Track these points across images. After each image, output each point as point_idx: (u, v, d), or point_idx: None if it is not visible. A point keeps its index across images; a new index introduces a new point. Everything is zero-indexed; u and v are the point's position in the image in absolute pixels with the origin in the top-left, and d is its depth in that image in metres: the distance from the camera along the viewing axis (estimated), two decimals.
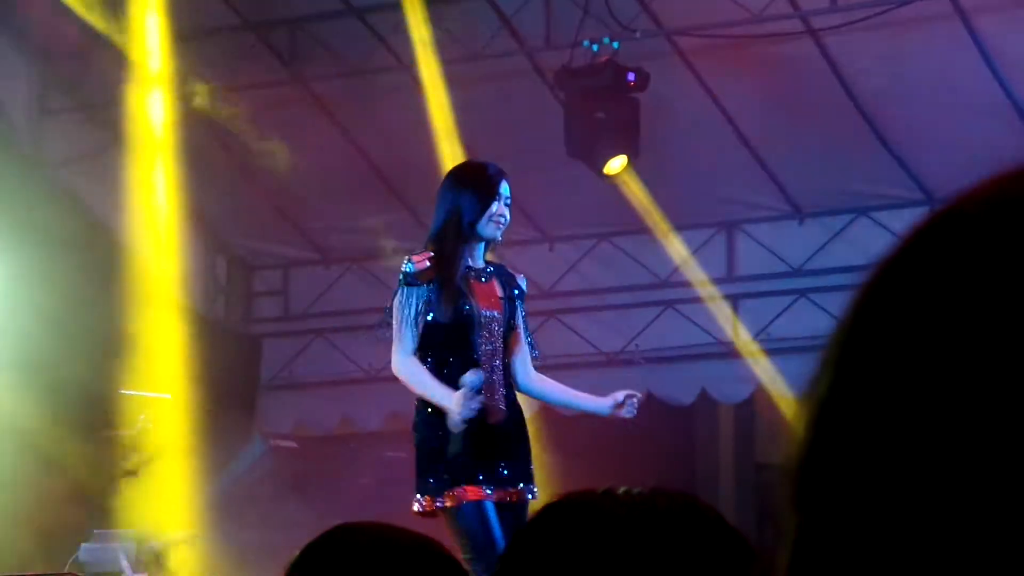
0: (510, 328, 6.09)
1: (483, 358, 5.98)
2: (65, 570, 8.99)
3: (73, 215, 10.70)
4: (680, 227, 10.93)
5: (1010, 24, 9.40)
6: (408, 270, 5.98)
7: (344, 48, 10.46)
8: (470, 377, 5.87)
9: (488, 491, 5.90)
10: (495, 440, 5.96)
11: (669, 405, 11.08)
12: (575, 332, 11.11)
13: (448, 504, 5.86)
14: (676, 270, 11.03)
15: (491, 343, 6.03)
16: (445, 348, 5.97)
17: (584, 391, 11.34)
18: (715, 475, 12.84)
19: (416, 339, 5.96)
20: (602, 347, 11.09)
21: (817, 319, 10.49)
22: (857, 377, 0.77)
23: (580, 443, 10.82)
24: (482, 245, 6.10)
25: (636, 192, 10.41)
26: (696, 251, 10.95)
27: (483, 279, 6.08)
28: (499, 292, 6.10)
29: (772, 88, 10.01)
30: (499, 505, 5.92)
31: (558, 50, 9.96)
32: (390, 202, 10.97)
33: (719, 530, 1.30)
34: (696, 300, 10.98)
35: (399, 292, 6.00)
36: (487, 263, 6.14)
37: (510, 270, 6.27)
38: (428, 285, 5.95)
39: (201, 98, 10.87)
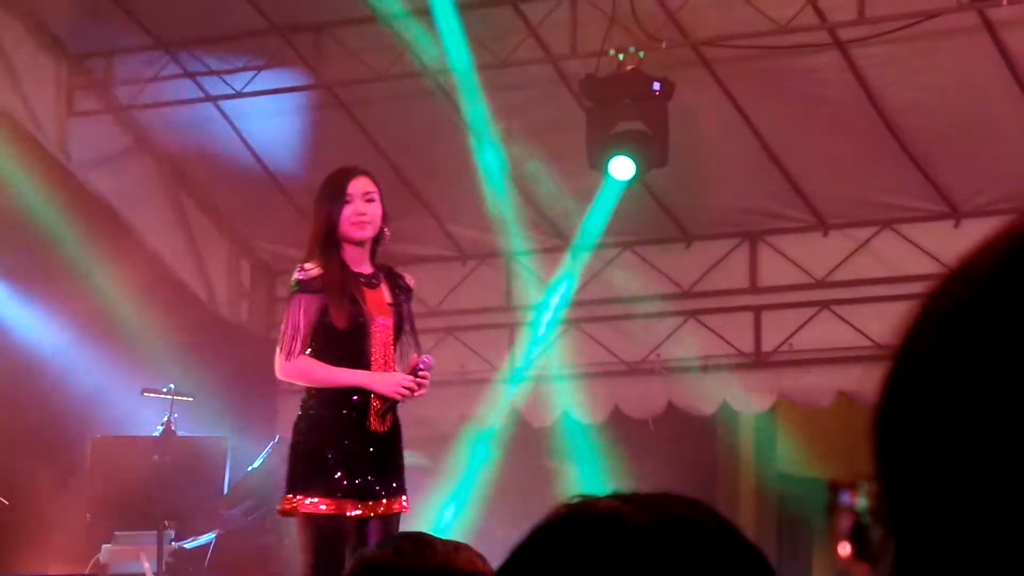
0: (399, 333, 6.05)
1: (374, 367, 5.94)
2: (87, 571, 9.02)
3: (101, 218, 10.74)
4: (703, 237, 10.91)
5: None
6: (299, 278, 5.95)
7: (368, 53, 10.46)
8: (427, 358, 5.87)
9: (352, 505, 5.80)
10: (372, 451, 5.88)
11: (690, 415, 11.06)
12: (597, 341, 11.09)
13: (306, 511, 5.77)
14: (699, 280, 11.01)
15: (382, 351, 5.99)
16: (337, 357, 5.91)
17: (606, 400, 11.25)
18: (736, 485, 12.82)
19: (305, 347, 5.92)
20: (624, 356, 11.07)
21: (840, 331, 10.46)
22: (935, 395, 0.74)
23: (599, 451, 10.82)
24: (366, 249, 6.03)
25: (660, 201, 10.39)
26: (719, 261, 10.93)
27: (373, 284, 6.02)
28: (388, 298, 6.04)
29: (798, 99, 9.99)
30: (363, 519, 5.82)
31: (584, 58, 9.96)
32: (414, 208, 10.97)
33: (730, 538, 1.28)
34: (718, 310, 10.96)
35: (292, 300, 5.97)
36: (375, 267, 6.08)
37: (397, 270, 6.18)
38: (319, 293, 5.91)
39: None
